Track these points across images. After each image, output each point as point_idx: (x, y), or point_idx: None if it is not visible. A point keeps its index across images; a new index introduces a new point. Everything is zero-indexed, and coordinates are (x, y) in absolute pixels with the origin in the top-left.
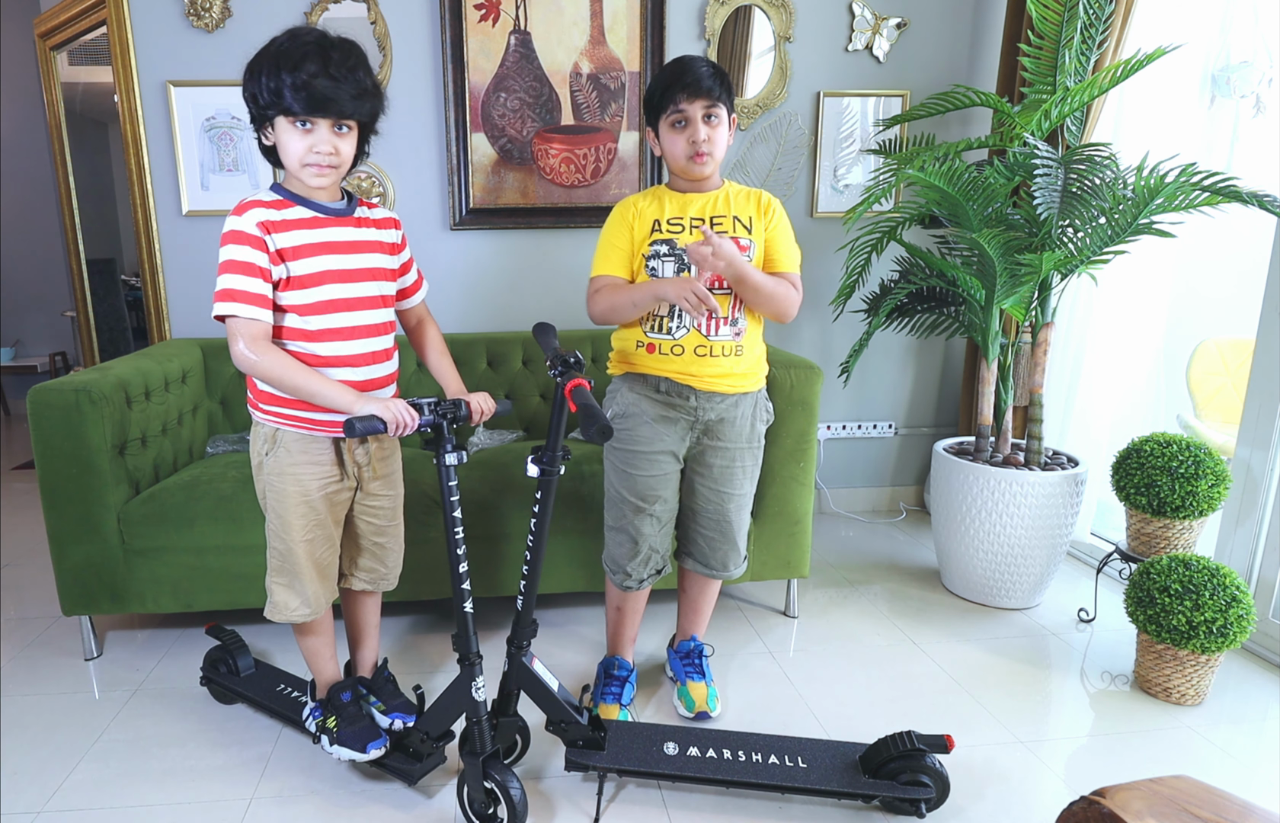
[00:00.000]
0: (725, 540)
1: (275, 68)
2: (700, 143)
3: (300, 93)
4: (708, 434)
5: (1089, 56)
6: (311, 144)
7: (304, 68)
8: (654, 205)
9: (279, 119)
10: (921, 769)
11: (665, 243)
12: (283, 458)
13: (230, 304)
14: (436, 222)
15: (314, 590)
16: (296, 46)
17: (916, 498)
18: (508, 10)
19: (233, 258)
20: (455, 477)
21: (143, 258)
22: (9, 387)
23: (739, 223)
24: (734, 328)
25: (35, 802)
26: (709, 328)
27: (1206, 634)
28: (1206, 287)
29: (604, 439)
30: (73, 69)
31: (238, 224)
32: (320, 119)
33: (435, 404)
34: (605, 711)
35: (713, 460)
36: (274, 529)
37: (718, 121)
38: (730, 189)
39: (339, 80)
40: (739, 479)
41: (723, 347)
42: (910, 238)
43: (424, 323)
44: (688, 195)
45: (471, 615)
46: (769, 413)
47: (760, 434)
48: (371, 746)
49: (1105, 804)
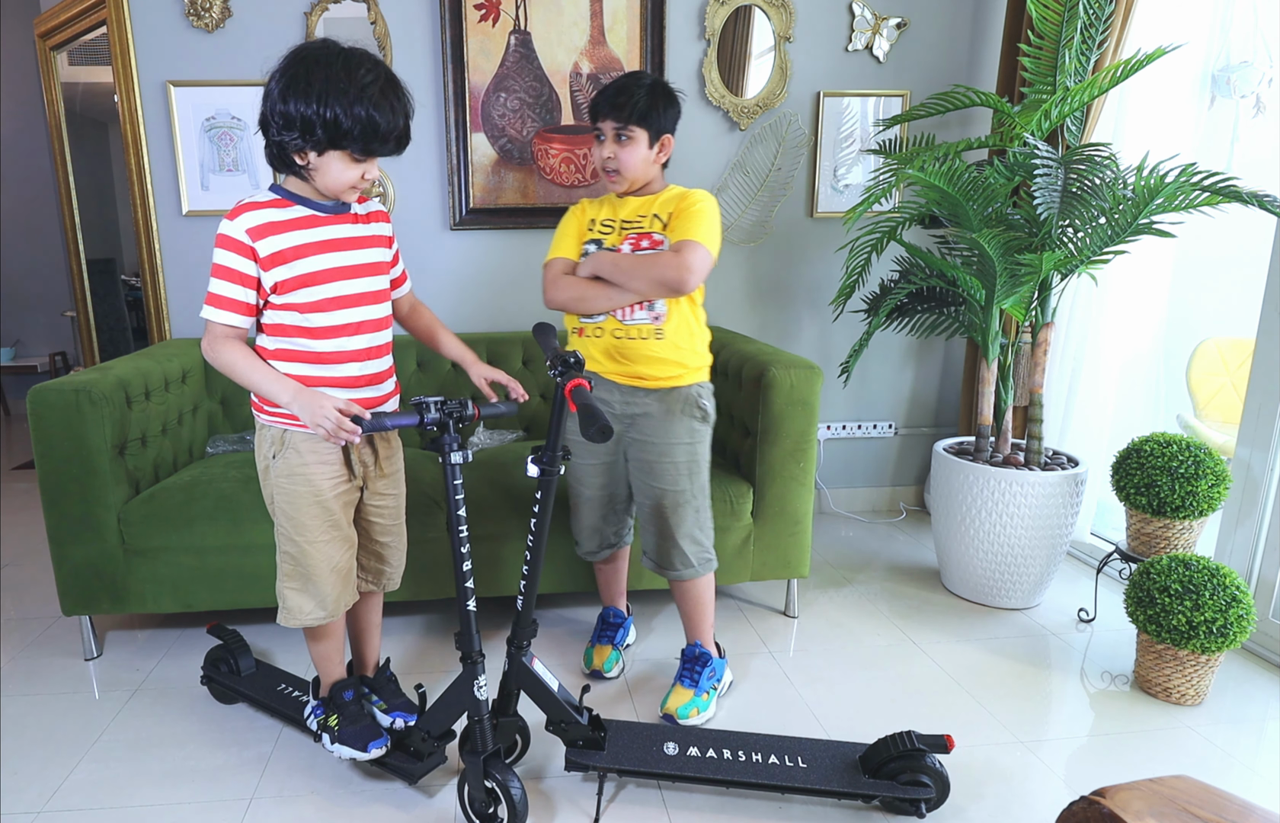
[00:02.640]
0: (665, 538)
1: (347, 102)
2: (605, 160)
3: (376, 139)
4: (633, 427)
5: (1089, 56)
6: (364, 173)
7: (380, 108)
8: (597, 207)
9: (335, 152)
10: (921, 769)
11: (593, 242)
12: (292, 459)
13: (211, 309)
14: (437, 221)
15: (332, 594)
16: (372, 87)
17: (916, 498)
18: (508, 10)
19: (219, 263)
20: (460, 475)
21: (143, 258)
22: (9, 387)
23: (656, 219)
24: (651, 312)
25: (35, 802)
26: (624, 313)
27: (1206, 634)
28: (1206, 287)
29: (604, 439)
30: (73, 69)
31: (228, 230)
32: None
33: (441, 404)
34: (598, 653)
35: (639, 454)
36: (285, 532)
37: (629, 141)
38: (670, 193)
39: (402, 119)
40: (671, 474)
41: (640, 330)
42: (910, 238)
43: (417, 308)
44: (626, 199)
45: (474, 614)
46: (707, 408)
47: (696, 430)
48: (373, 744)
49: (1105, 804)
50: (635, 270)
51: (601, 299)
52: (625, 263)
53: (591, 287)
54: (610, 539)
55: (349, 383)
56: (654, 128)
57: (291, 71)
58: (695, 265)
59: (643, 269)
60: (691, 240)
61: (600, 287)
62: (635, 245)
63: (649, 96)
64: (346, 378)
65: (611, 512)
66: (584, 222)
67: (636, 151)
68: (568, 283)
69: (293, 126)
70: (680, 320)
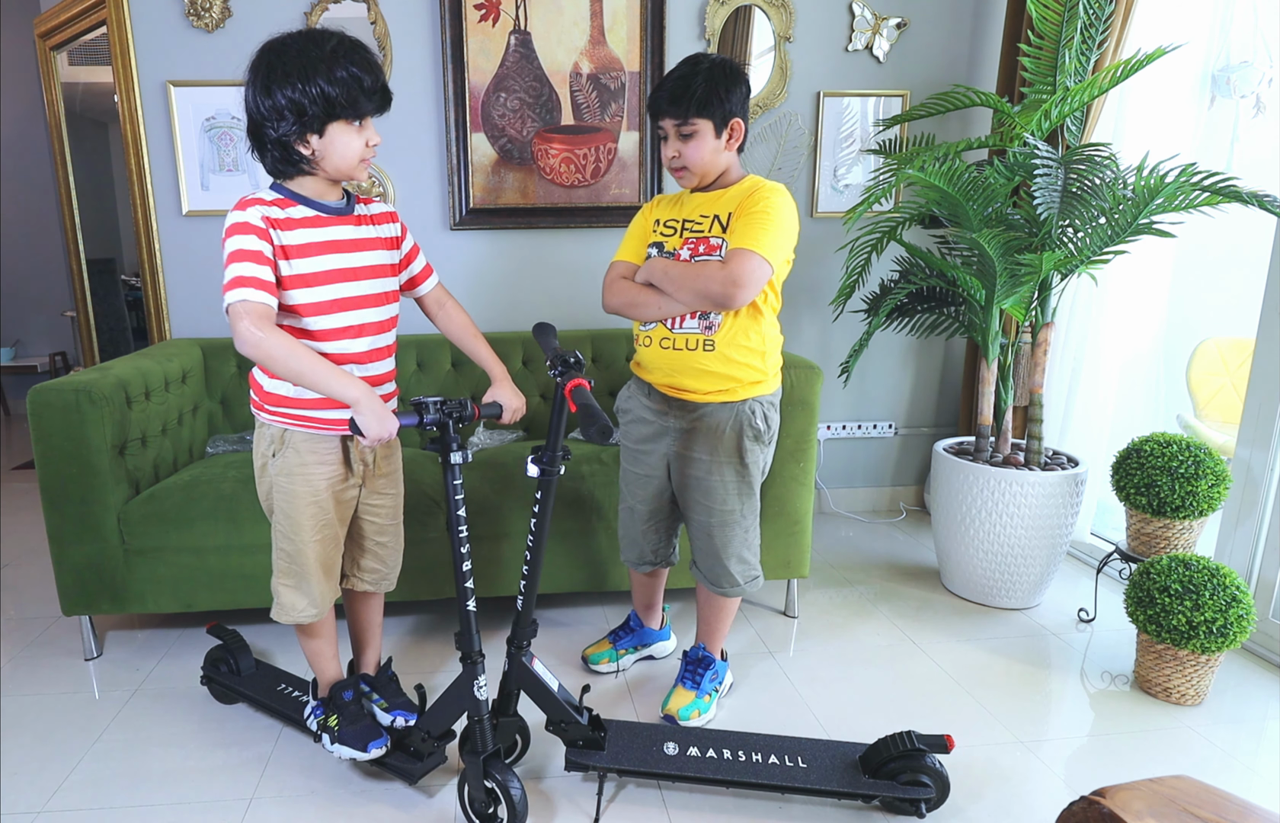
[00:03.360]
0: (710, 555)
1: (326, 68)
2: (670, 160)
3: (364, 94)
4: (682, 442)
5: (1089, 56)
6: (367, 138)
7: (357, 63)
8: (663, 207)
9: (334, 124)
10: (921, 769)
11: (655, 245)
12: (291, 458)
13: (239, 290)
14: (436, 221)
15: (320, 590)
16: (341, 49)
17: (916, 498)
18: (508, 10)
19: (239, 247)
20: (460, 475)
21: (143, 258)
22: (9, 387)
23: (717, 222)
24: (702, 321)
25: (35, 802)
26: (674, 321)
27: (1206, 634)
28: (1206, 287)
29: (604, 439)
30: (73, 69)
31: (242, 217)
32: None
33: (441, 404)
34: (598, 645)
35: (687, 470)
36: (282, 530)
37: (693, 135)
38: (741, 187)
39: (379, 70)
40: (719, 494)
41: (686, 340)
42: (910, 238)
43: (446, 306)
44: (695, 197)
45: (474, 614)
46: (763, 427)
47: (749, 449)
48: (373, 744)
49: (1105, 804)
50: (683, 281)
51: (653, 307)
52: (675, 272)
53: (644, 293)
54: (649, 556)
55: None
56: (719, 115)
57: (265, 66)
58: (744, 279)
59: (689, 281)
60: (744, 250)
61: (653, 294)
62: (694, 251)
63: (708, 83)
64: None
65: (653, 528)
66: (649, 222)
67: (704, 145)
68: (621, 287)
69: (286, 115)
70: (737, 330)
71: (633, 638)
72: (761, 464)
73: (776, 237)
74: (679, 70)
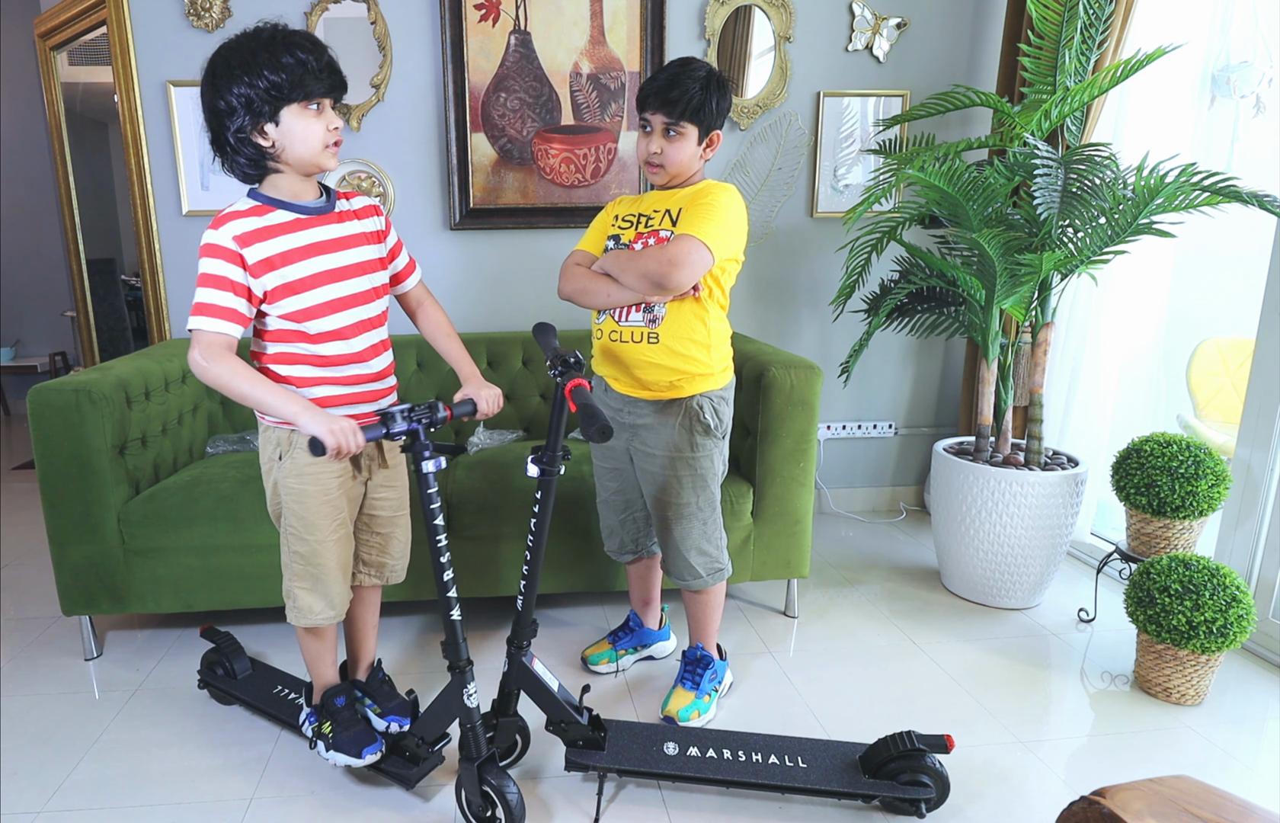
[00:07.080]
0: (671, 548)
1: (273, 57)
2: (651, 155)
3: (310, 75)
4: (635, 437)
5: (1089, 56)
6: (328, 123)
7: (307, 51)
8: (624, 203)
9: (288, 109)
10: (921, 769)
11: (613, 238)
12: (300, 460)
13: (197, 318)
14: (436, 221)
15: (338, 591)
16: (278, 37)
17: (916, 498)
18: (508, 10)
19: (205, 272)
20: (435, 484)
21: (143, 258)
22: (9, 387)
23: (668, 216)
24: (647, 315)
25: (35, 802)
26: (621, 314)
27: (1206, 634)
28: (1206, 287)
29: (604, 439)
30: (73, 69)
31: (213, 238)
32: (327, 98)
33: (409, 411)
34: (597, 646)
35: (643, 464)
36: (295, 532)
37: (678, 137)
38: (696, 187)
39: (323, 51)
40: (673, 488)
41: (632, 332)
42: (910, 238)
43: (425, 304)
44: (653, 194)
45: (459, 622)
46: (713, 422)
47: (699, 444)
48: (367, 751)
49: (1105, 804)
50: (626, 265)
51: (601, 295)
52: (621, 258)
53: (594, 280)
54: (629, 545)
55: (352, 382)
56: (705, 124)
57: (211, 72)
58: (681, 259)
59: (632, 264)
60: (686, 235)
61: (602, 281)
62: (644, 243)
63: (703, 91)
64: (350, 377)
65: (629, 518)
66: (610, 217)
67: (685, 148)
68: (575, 273)
69: (237, 110)
70: (681, 324)
71: (632, 638)
72: (715, 458)
73: (719, 227)
74: (675, 71)
